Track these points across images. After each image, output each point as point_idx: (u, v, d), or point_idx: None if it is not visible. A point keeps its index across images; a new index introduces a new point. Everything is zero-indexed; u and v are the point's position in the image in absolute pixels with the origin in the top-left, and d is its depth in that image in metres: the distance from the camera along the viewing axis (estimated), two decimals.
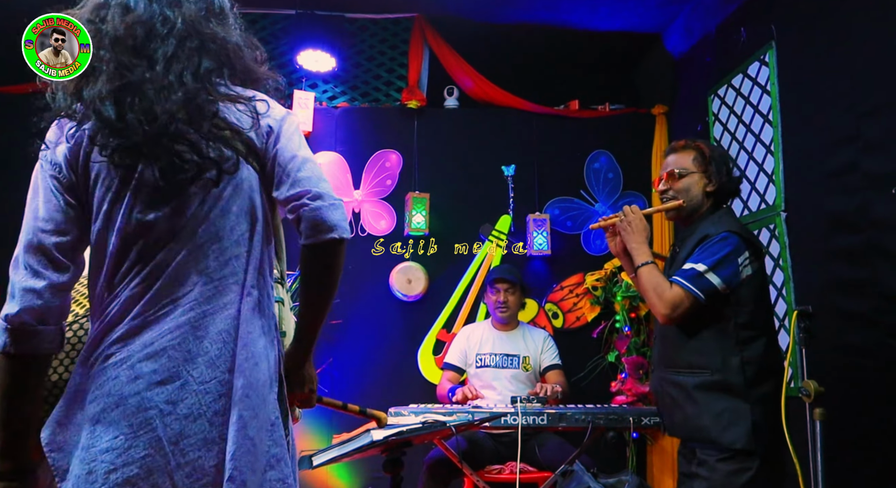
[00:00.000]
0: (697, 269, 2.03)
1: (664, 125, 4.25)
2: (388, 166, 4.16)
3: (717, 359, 2.03)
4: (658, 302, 2.06)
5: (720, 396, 2.01)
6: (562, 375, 3.44)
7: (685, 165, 2.24)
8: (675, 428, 2.16)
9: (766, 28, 3.18)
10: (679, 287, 2.04)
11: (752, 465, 1.96)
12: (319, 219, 1.24)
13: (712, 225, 2.15)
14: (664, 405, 2.20)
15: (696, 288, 2.02)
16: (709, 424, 2.01)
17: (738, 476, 1.97)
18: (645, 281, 2.13)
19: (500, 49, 4.44)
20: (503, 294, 3.48)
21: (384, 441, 1.89)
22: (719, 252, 2.04)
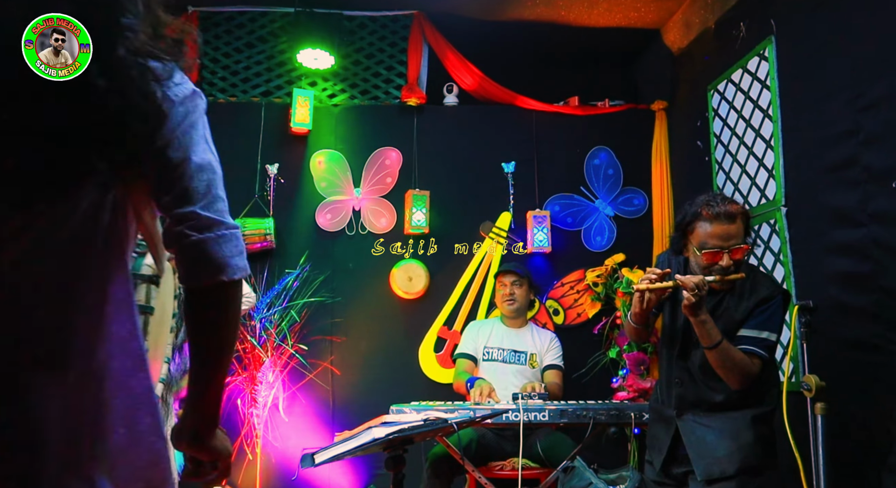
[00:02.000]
0: (770, 340, 2.16)
1: (664, 121, 4.25)
2: (388, 164, 4.16)
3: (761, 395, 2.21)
4: (742, 376, 2.13)
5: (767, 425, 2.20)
6: (558, 376, 3.44)
7: (743, 236, 2.20)
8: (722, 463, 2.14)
9: (766, 23, 3.17)
10: (761, 360, 2.15)
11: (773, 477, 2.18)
12: (202, 259, 0.97)
13: (758, 285, 2.23)
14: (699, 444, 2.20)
15: (769, 353, 2.17)
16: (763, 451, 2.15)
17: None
18: (726, 359, 2.13)
19: (499, 46, 4.44)
20: (510, 286, 3.50)
21: (386, 439, 1.90)
22: (780, 318, 2.20)
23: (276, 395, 3.80)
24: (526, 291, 3.53)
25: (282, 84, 4.27)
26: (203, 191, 1.00)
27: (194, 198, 0.99)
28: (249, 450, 3.75)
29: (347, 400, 3.92)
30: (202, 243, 0.97)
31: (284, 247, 4.02)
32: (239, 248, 1.01)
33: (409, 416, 2.28)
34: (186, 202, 0.98)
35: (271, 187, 4.03)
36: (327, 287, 3.98)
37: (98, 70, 0.92)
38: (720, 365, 2.13)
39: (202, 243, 0.97)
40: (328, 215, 4.07)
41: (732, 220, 2.16)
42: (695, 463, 2.19)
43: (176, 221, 0.98)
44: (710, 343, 2.12)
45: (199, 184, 1.00)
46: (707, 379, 2.20)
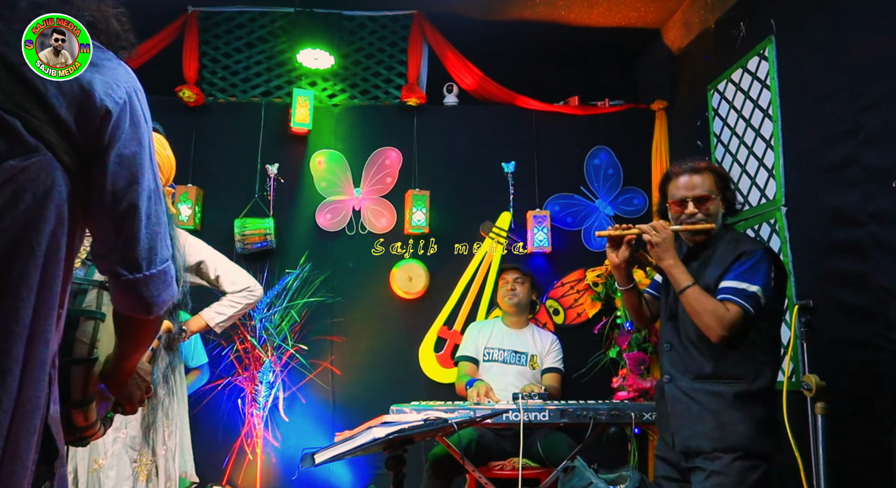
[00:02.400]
0: (750, 290, 2.09)
1: (664, 121, 4.24)
2: (388, 164, 4.16)
3: (752, 369, 2.12)
4: (717, 323, 2.08)
5: (759, 405, 2.11)
6: (557, 379, 3.44)
7: (709, 188, 2.27)
8: (700, 438, 2.12)
9: (766, 22, 3.17)
10: (738, 307, 2.08)
11: (764, 465, 2.06)
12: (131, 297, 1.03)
13: (739, 242, 2.21)
14: (683, 414, 2.18)
15: (753, 308, 2.08)
16: (750, 431, 2.07)
17: (753, 472, 2.04)
18: (696, 303, 2.12)
19: (499, 46, 4.44)
20: (512, 282, 3.51)
21: (386, 439, 1.90)
22: (763, 270, 2.12)
23: (276, 395, 3.80)
24: (528, 290, 3.54)
25: (282, 84, 4.27)
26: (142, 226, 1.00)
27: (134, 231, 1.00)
28: (249, 450, 3.75)
29: (347, 400, 3.92)
30: (132, 285, 1.01)
31: (284, 247, 4.02)
32: (166, 284, 1.05)
33: (409, 416, 2.28)
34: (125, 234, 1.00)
35: (271, 187, 4.03)
36: (327, 287, 3.98)
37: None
38: (692, 311, 2.12)
39: (132, 285, 1.01)
40: (328, 215, 4.07)
41: (698, 172, 2.28)
42: (675, 432, 2.18)
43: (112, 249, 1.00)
44: (679, 287, 2.14)
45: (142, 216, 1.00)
46: (695, 342, 2.17)
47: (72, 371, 1.14)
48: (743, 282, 2.11)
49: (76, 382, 1.14)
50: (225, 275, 2.60)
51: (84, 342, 1.15)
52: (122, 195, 0.99)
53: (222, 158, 4.09)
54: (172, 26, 4.12)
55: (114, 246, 1.00)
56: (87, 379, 1.15)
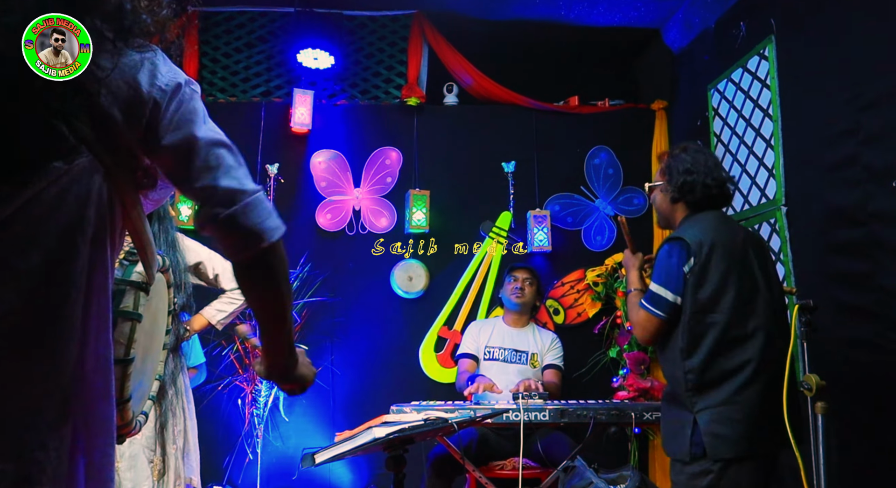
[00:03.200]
0: (652, 290, 2.09)
1: (664, 120, 4.24)
2: (389, 164, 4.16)
3: (672, 369, 2.09)
4: (633, 326, 2.19)
5: (673, 407, 2.09)
6: (557, 376, 3.44)
7: (655, 177, 2.34)
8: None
9: (766, 22, 3.17)
10: (641, 309, 2.10)
11: (713, 468, 1.97)
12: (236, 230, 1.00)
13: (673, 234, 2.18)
14: None
15: (655, 307, 2.06)
16: (665, 433, 2.11)
17: (699, 479, 1.99)
18: (629, 308, 2.25)
19: (499, 45, 4.44)
20: (521, 281, 3.52)
21: (387, 438, 1.90)
22: (663, 265, 2.08)
23: (276, 395, 3.80)
24: (535, 291, 3.56)
25: (282, 84, 4.27)
26: (216, 164, 0.99)
27: (210, 173, 0.99)
28: (250, 450, 3.75)
29: (347, 400, 3.92)
30: (232, 218, 0.98)
31: (284, 247, 4.00)
32: (267, 210, 1.02)
33: (410, 416, 2.28)
34: (204, 179, 0.98)
35: (271, 187, 4.03)
36: (327, 287, 3.98)
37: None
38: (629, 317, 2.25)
39: (232, 218, 0.98)
40: (328, 215, 4.07)
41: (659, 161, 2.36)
42: None
43: (201, 202, 1.00)
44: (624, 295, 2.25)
45: (212, 157, 0.99)
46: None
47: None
48: (652, 284, 2.11)
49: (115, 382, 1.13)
50: (223, 273, 2.61)
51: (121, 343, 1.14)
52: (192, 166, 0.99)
53: None
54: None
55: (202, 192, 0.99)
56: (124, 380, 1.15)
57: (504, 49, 4.48)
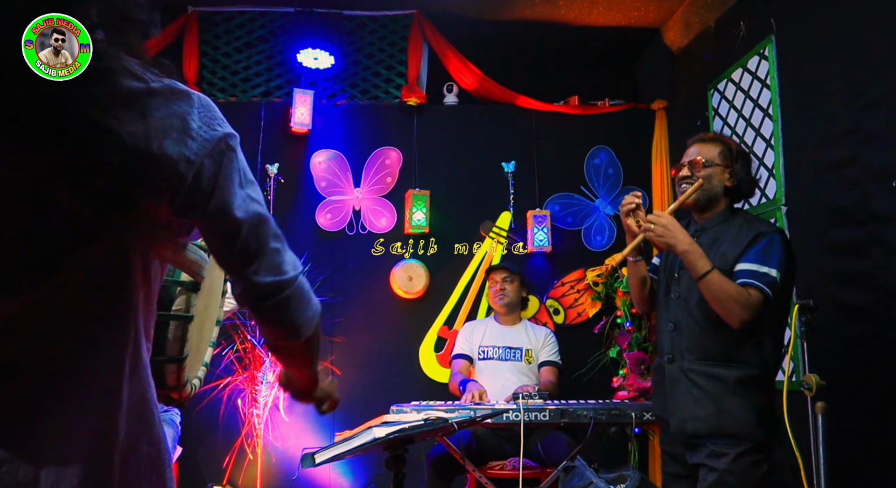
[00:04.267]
0: (771, 274, 2.03)
1: (664, 120, 4.24)
2: (388, 164, 4.16)
3: (756, 354, 2.07)
4: (741, 310, 2.00)
5: (759, 391, 2.07)
6: (554, 373, 3.45)
7: (712, 156, 2.23)
8: (697, 422, 2.08)
9: (766, 22, 3.17)
10: (760, 292, 2.02)
11: (768, 458, 2.03)
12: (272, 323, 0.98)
13: (753, 223, 2.16)
14: (682, 397, 2.13)
15: (773, 292, 2.02)
16: (749, 418, 2.03)
17: (759, 467, 2.02)
18: (719, 290, 2.03)
19: (499, 45, 4.44)
20: (501, 282, 3.53)
21: (387, 438, 1.90)
22: (782, 254, 2.07)
23: (276, 395, 3.80)
24: (517, 287, 3.55)
25: (282, 84, 4.27)
26: (254, 251, 0.91)
27: (248, 262, 0.91)
28: (250, 450, 3.75)
29: (347, 400, 3.92)
30: (269, 311, 0.95)
31: None
32: (304, 299, 0.99)
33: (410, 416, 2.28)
34: (242, 267, 0.92)
35: (271, 187, 4.03)
36: (327, 287, 3.98)
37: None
38: (713, 297, 2.02)
39: (269, 311, 0.95)
40: (328, 215, 4.07)
41: (703, 142, 2.27)
42: (673, 414, 2.14)
43: (241, 288, 0.94)
44: (698, 273, 2.05)
45: (252, 242, 0.91)
46: (702, 322, 2.11)
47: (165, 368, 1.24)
48: (762, 266, 2.04)
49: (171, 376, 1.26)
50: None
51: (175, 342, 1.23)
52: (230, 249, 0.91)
53: None
54: (172, 26, 4.12)
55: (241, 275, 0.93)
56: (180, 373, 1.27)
57: (504, 49, 4.47)
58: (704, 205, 2.23)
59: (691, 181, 2.21)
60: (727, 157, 2.22)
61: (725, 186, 2.21)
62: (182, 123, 0.84)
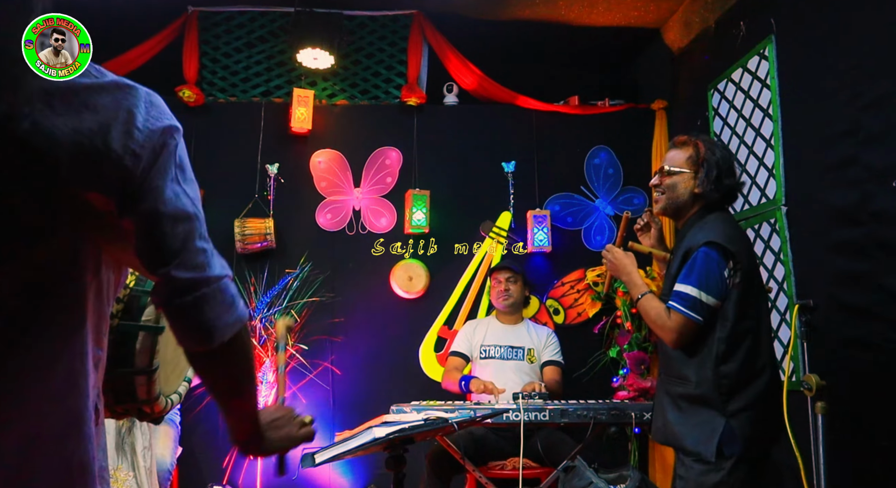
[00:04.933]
0: (691, 294, 2.02)
1: (664, 120, 4.24)
2: (388, 164, 4.16)
3: (698, 372, 2.05)
4: (662, 331, 2.09)
5: (699, 408, 2.05)
6: (557, 372, 3.44)
7: (678, 163, 2.20)
8: (655, 432, 2.21)
9: (766, 22, 3.17)
10: (678, 314, 2.04)
11: (725, 466, 1.98)
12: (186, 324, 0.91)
13: (697, 233, 2.10)
14: (654, 408, 2.26)
15: (694, 312, 2.02)
16: (685, 433, 2.06)
17: (708, 475, 2.00)
18: (644, 312, 2.15)
19: (499, 45, 4.44)
20: (505, 283, 3.52)
21: (387, 438, 1.90)
22: (704, 270, 2.02)
23: (276, 395, 3.79)
24: (521, 288, 3.55)
25: (282, 84, 4.27)
26: (177, 248, 0.88)
27: (168, 257, 0.88)
28: None
29: (348, 400, 3.92)
30: (183, 310, 0.89)
31: (284, 247, 4.02)
32: (226, 303, 0.92)
33: (410, 416, 2.28)
34: (161, 263, 0.88)
35: (271, 187, 4.03)
36: (327, 287, 3.98)
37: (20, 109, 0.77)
38: (646, 321, 2.16)
39: (183, 310, 0.89)
40: (328, 215, 4.07)
41: (674, 146, 2.26)
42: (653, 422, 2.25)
43: (158, 284, 0.90)
44: (633, 300, 2.20)
45: (173, 240, 0.88)
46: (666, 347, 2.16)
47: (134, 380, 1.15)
48: (685, 285, 2.04)
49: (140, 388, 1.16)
50: None
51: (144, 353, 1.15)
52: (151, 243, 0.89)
53: (222, 158, 4.08)
54: (172, 26, 4.11)
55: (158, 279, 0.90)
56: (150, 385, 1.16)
57: (504, 49, 4.47)
58: (672, 215, 2.25)
59: (660, 189, 2.24)
60: (695, 163, 2.17)
61: (694, 193, 2.17)
62: (128, 116, 0.84)
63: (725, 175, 2.15)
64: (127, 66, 4.01)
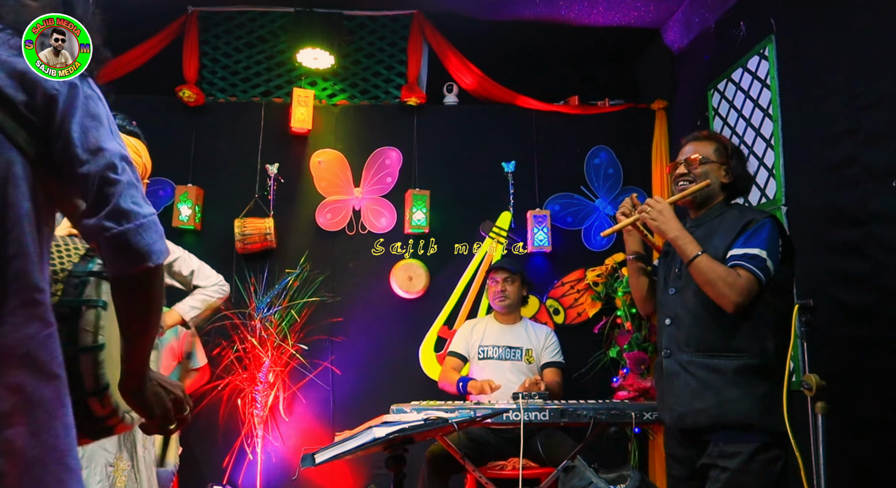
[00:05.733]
0: (760, 255, 2.02)
1: (664, 120, 4.24)
2: (388, 164, 4.16)
3: (756, 343, 2.04)
4: (729, 291, 2.01)
5: (761, 381, 2.02)
6: (558, 374, 3.44)
7: (707, 153, 2.26)
8: (697, 415, 2.06)
9: (766, 22, 3.17)
10: (749, 273, 2.01)
11: (783, 454, 1.99)
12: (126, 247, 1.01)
13: (746, 213, 2.17)
14: (681, 390, 2.11)
15: (763, 274, 2.01)
16: (751, 408, 2.00)
17: (773, 465, 1.98)
18: (708, 270, 2.05)
19: (499, 45, 4.44)
20: (501, 283, 3.50)
21: (387, 438, 1.90)
22: (770, 237, 2.05)
23: (276, 395, 3.80)
24: (518, 287, 3.53)
25: (282, 84, 4.27)
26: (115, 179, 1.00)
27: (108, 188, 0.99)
28: (249, 450, 3.75)
29: (347, 400, 3.92)
30: (124, 234, 0.99)
31: (284, 247, 4.02)
32: (158, 233, 1.04)
33: (410, 416, 2.28)
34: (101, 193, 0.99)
35: (271, 187, 4.03)
36: (327, 287, 3.98)
37: None
38: (704, 280, 2.04)
39: (124, 234, 0.99)
40: (328, 215, 4.07)
41: (699, 140, 2.30)
42: (672, 408, 2.11)
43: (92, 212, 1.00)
44: (688, 257, 2.08)
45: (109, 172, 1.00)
46: (699, 313, 2.11)
47: (80, 360, 1.15)
48: (750, 248, 2.05)
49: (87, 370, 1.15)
50: (199, 270, 2.62)
51: (88, 330, 1.15)
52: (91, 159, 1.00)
53: (222, 158, 4.09)
54: (172, 26, 4.12)
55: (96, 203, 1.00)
56: (97, 367, 1.16)
57: (504, 49, 4.47)
58: (701, 203, 2.26)
59: (689, 178, 2.24)
60: (723, 154, 2.26)
61: (722, 183, 2.24)
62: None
63: (745, 167, 2.28)
64: (127, 66, 4.01)
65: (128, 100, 4.01)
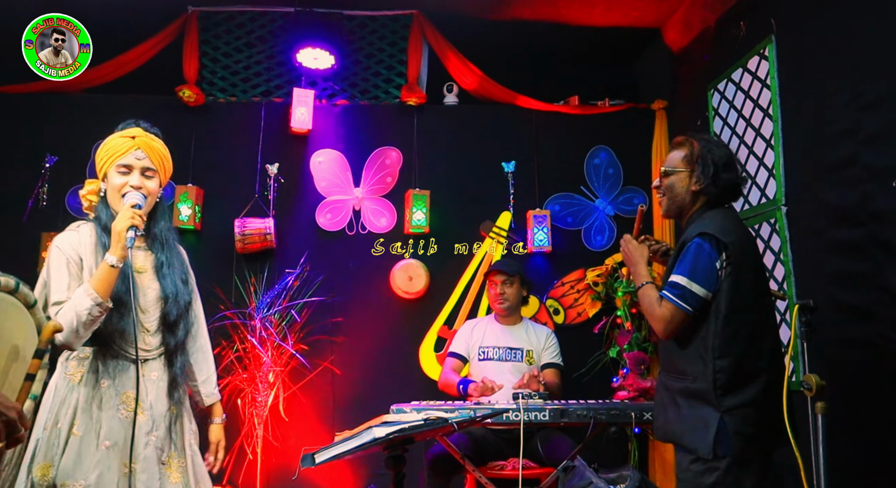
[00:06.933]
0: (680, 283, 2.03)
1: (664, 120, 4.24)
2: (389, 164, 4.16)
3: (696, 366, 2.05)
4: (653, 321, 2.12)
5: (697, 404, 2.04)
6: (557, 375, 3.43)
7: (674, 163, 2.23)
8: (657, 431, 2.21)
9: (766, 22, 3.17)
10: (667, 302, 2.05)
11: (719, 466, 1.98)
12: None
13: (694, 229, 2.11)
14: (655, 406, 2.25)
15: (682, 302, 2.02)
16: (683, 429, 2.06)
17: (705, 476, 2.00)
18: (643, 301, 2.17)
19: (499, 45, 4.44)
20: (500, 286, 3.49)
21: (387, 438, 1.89)
22: (695, 260, 2.03)
23: (276, 395, 3.80)
24: (517, 289, 3.51)
25: (282, 84, 4.27)
26: None
27: None
28: (249, 450, 3.75)
29: (348, 400, 3.92)
30: None
31: (284, 247, 4.02)
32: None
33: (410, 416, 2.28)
34: None
35: (271, 187, 4.03)
36: (327, 287, 3.98)
37: None
38: (642, 309, 2.20)
39: None
40: (328, 215, 4.07)
41: (673, 147, 2.29)
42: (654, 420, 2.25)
43: None
44: (636, 288, 2.22)
45: None
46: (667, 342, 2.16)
47: None
48: (675, 274, 2.06)
49: None
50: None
51: None
52: None
53: (222, 158, 4.09)
54: (172, 26, 4.12)
55: None
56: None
57: (504, 49, 4.47)
58: (676, 215, 2.27)
59: (661, 191, 2.28)
60: (690, 161, 2.18)
61: (692, 191, 2.18)
62: None
63: (723, 170, 2.15)
64: (127, 66, 4.01)
65: (128, 100, 4.02)
